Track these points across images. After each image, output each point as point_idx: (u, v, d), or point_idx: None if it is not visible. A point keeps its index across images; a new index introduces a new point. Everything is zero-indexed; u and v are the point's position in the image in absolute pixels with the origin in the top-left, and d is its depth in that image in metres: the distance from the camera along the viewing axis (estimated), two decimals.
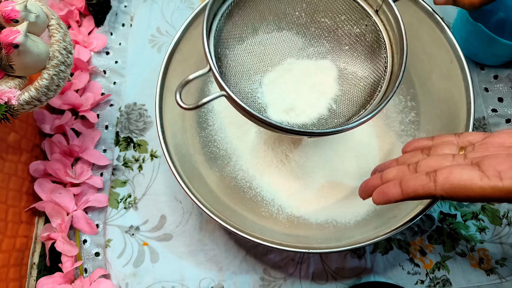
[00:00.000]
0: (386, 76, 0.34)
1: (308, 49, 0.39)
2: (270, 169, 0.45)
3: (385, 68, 0.34)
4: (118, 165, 0.49)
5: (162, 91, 0.41)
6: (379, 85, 0.34)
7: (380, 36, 0.34)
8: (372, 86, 0.35)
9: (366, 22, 0.35)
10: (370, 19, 0.34)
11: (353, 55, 0.37)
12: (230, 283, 0.44)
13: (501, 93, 0.50)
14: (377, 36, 0.34)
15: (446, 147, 0.31)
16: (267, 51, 0.39)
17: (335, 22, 0.37)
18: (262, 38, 0.38)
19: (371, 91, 0.35)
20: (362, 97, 0.36)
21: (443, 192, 0.25)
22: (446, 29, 0.40)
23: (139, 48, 0.55)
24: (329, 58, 0.38)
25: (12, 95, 0.33)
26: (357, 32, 0.36)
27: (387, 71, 0.33)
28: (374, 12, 0.34)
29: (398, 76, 0.31)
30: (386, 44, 0.34)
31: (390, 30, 0.34)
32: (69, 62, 0.37)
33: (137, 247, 0.45)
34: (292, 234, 0.41)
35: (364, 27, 0.35)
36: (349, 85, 0.37)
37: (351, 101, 0.36)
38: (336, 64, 0.38)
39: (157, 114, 0.40)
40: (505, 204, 0.46)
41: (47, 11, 0.36)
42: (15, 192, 0.44)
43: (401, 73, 0.31)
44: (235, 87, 0.36)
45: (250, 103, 0.36)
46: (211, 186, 0.43)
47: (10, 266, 0.42)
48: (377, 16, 0.34)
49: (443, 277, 0.44)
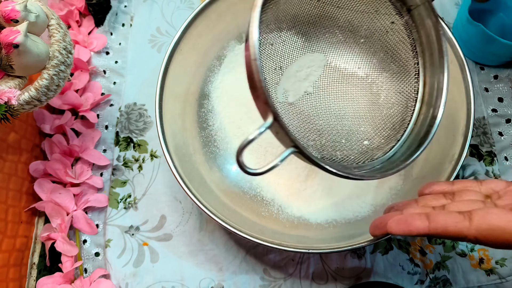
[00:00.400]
0: (417, 105, 0.30)
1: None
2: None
3: (416, 92, 0.30)
4: (118, 165, 0.49)
5: (162, 91, 0.41)
6: (409, 104, 0.30)
7: (412, 42, 0.30)
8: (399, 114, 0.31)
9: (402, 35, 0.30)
10: (406, 32, 0.30)
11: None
12: (230, 283, 0.44)
13: (501, 93, 0.50)
14: (410, 53, 0.30)
15: (471, 193, 0.29)
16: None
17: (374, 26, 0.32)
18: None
19: (400, 110, 0.31)
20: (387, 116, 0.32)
21: (477, 233, 0.24)
22: (446, 29, 0.40)
23: (139, 48, 0.55)
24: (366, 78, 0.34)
25: (12, 95, 0.33)
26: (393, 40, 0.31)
27: (418, 97, 0.30)
28: (406, 13, 0.30)
29: (442, 91, 0.27)
30: (418, 54, 0.30)
31: (427, 49, 0.29)
32: (69, 62, 0.37)
33: (137, 247, 0.45)
34: (292, 234, 0.41)
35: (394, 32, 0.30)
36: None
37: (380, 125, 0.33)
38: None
39: (157, 114, 0.40)
40: None
41: (47, 11, 0.36)
42: (15, 192, 0.44)
43: (444, 88, 0.28)
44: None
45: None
46: (211, 186, 0.43)
47: (10, 266, 0.42)
48: (410, 18, 0.30)
49: (443, 277, 0.44)
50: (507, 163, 0.47)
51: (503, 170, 0.47)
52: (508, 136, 0.48)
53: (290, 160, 0.45)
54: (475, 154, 0.48)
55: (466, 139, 0.37)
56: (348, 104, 0.35)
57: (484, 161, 0.47)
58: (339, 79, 0.36)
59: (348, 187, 0.44)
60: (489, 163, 0.47)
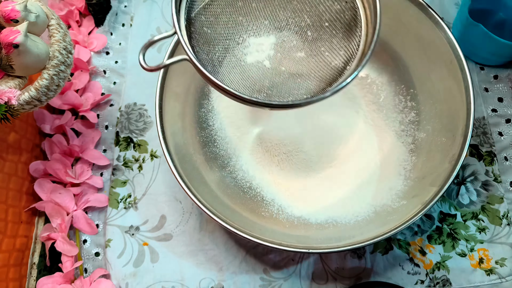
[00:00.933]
0: (358, 55, 0.32)
1: (284, 22, 0.37)
2: (270, 169, 0.45)
3: (358, 47, 0.32)
4: (118, 165, 0.49)
5: (162, 91, 0.41)
6: (348, 65, 0.32)
7: (358, 13, 0.33)
8: (343, 66, 0.34)
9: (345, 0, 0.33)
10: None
11: (331, 33, 0.35)
12: (230, 283, 0.44)
13: (501, 93, 0.50)
14: (355, 13, 0.33)
15: None
16: (244, 18, 0.36)
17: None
18: (240, 6, 0.36)
19: (340, 70, 0.34)
20: (331, 75, 0.34)
21: None
22: (446, 29, 0.40)
23: (139, 48, 0.54)
24: (309, 34, 0.36)
25: (12, 95, 0.33)
26: (337, 9, 0.34)
27: (359, 50, 0.32)
28: None
29: (366, 55, 0.30)
30: (362, 22, 0.33)
31: (368, 8, 0.32)
32: (69, 62, 0.37)
33: (137, 247, 0.45)
34: (292, 234, 0.41)
35: (344, 4, 0.33)
36: (321, 62, 0.36)
37: (320, 78, 0.35)
38: (313, 40, 0.36)
39: (157, 114, 0.40)
40: (505, 204, 0.46)
41: (47, 11, 0.36)
42: (15, 192, 0.44)
43: (370, 51, 0.30)
44: (207, 54, 0.35)
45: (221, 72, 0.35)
46: (211, 186, 0.43)
47: (10, 266, 0.42)
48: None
49: (443, 277, 0.44)
50: (507, 163, 0.47)
51: (503, 170, 0.47)
52: (508, 136, 0.48)
53: (290, 160, 0.45)
54: (475, 154, 0.48)
55: (466, 139, 0.37)
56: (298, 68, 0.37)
57: (484, 161, 0.47)
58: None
59: (348, 187, 0.44)
60: (489, 163, 0.47)
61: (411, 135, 0.45)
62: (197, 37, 0.34)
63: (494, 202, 0.46)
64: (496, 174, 0.47)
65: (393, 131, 0.46)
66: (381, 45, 0.47)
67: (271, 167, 0.45)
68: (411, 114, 0.46)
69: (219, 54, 0.36)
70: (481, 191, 0.46)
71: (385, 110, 0.47)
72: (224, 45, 0.36)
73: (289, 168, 0.45)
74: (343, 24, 0.34)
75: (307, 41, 0.36)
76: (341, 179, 0.45)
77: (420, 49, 0.44)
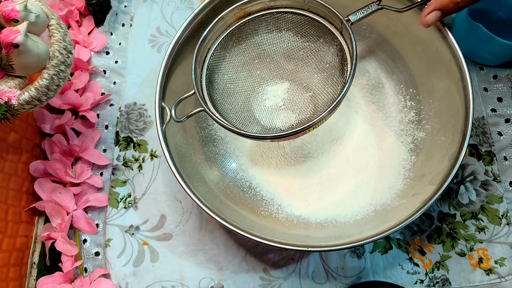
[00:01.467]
0: (347, 85, 0.36)
1: (294, 70, 0.44)
2: (269, 169, 0.45)
3: (347, 78, 0.36)
4: (118, 165, 0.49)
5: (162, 91, 0.41)
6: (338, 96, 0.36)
7: (344, 53, 0.38)
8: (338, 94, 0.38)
9: (336, 42, 0.39)
10: (337, 40, 0.39)
11: (332, 72, 0.41)
12: (230, 283, 0.44)
13: (500, 93, 0.50)
14: (343, 53, 0.38)
15: None
16: (262, 72, 0.44)
17: (316, 45, 0.41)
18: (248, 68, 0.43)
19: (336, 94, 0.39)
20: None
21: None
22: (445, 29, 0.40)
23: (139, 48, 0.55)
24: (315, 76, 0.43)
25: (12, 95, 0.33)
26: (333, 52, 0.40)
27: (347, 81, 0.36)
28: (339, 34, 0.39)
29: (349, 82, 0.35)
30: (348, 60, 0.38)
31: (351, 47, 0.37)
32: (69, 62, 0.37)
33: (137, 246, 0.46)
34: (292, 233, 0.41)
35: (335, 47, 0.39)
36: (325, 94, 0.41)
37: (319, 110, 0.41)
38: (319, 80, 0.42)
39: (157, 114, 0.40)
40: (504, 203, 0.46)
41: (47, 11, 0.36)
42: (15, 192, 0.44)
43: (349, 80, 0.35)
44: (223, 105, 0.41)
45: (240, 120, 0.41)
46: (211, 185, 0.43)
47: (10, 265, 0.42)
48: (341, 36, 0.38)
49: (443, 277, 0.44)
50: (507, 163, 0.47)
51: (502, 170, 0.47)
52: (507, 136, 0.48)
53: (289, 160, 0.45)
54: (474, 154, 0.48)
55: (465, 139, 0.37)
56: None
57: (483, 161, 0.47)
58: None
59: (347, 187, 0.44)
60: (488, 163, 0.47)
61: (411, 135, 0.45)
62: (220, 92, 0.41)
63: (494, 201, 0.46)
64: (495, 174, 0.47)
65: (392, 131, 0.46)
66: (381, 45, 0.48)
67: (270, 166, 0.45)
68: (411, 113, 0.46)
69: (242, 103, 0.43)
70: (480, 191, 0.46)
71: (385, 110, 0.47)
72: (245, 95, 0.44)
73: (288, 167, 0.45)
74: (337, 64, 0.40)
75: (313, 82, 0.43)
76: (340, 178, 0.45)
77: (420, 49, 0.44)
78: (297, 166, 0.45)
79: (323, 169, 0.45)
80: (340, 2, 0.39)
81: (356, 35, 0.48)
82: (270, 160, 0.46)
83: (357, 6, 0.39)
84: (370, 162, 0.45)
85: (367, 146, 0.46)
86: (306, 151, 0.46)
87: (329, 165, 0.45)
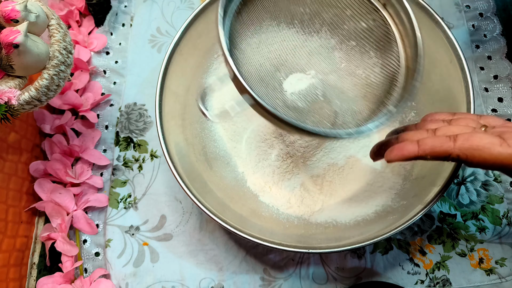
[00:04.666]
0: (401, 71, 0.33)
1: (311, 44, 0.38)
2: (269, 169, 0.45)
3: (398, 62, 0.33)
4: (118, 165, 0.49)
5: (162, 91, 0.41)
6: (394, 80, 0.33)
7: (390, 30, 0.34)
8: (385, 82, 0.35)
9: (373, 17, 0.34)
10: (378, 13, 0.34)
11: (360, 51, 0.36)
12: (230, 283, 0.44)
13: (501, 93, 0.50)
14: (386, 30, 0.34)
15: (468, 121, 0.31)
16: (276, 53, 0.38)
17: (341, 18, 0.36)
18: (269, 37, 0.37)
19: (385, 87, 0.34)
20: (374, 94, 0.35)
21: (460, 152, 0.26)
22: (446, 29, 0.40)
23: (139, 48, 0.55)
24: (336, 55, 0.38)
25: (12, 95, 0.33)
26: (363, 27, 0.35)
27: (400, 66, 0.33)
28: (382, 6, 0.34)
29: (416, 69, 0.31)
30: (397, 38, 0.34)
31: (400, 24, 0.33)
32: (69, 62, 0.37)
33: (137, 247, 0.45)
34: (292, 234, 0.41)
35: (372, 22, 0.35)
36: (357, 83, 0.37)
37: (362, 99, 0.36)
38: (343, 61, 0.38)
39: (157, 114, 0.40)
40: (504, 204, 0.46)
41: (47, 11, 0.36)
42: (15, 192, 0.44)
43: (419, 66, 0.32)
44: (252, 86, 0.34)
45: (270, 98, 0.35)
46: (211, 186, 0.43)
47: (10, 266, 0.42)
48: (385, 10, 0.34)
49: (443, 277, 0.44)
50: None
51: None
52: None
53: (289, 160, 0.45)
54: None
55: None
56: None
57: None
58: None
59: (348, 188, 0.44)
60: None
61: None
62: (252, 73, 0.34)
63: (494, 202, 0.46)
64: (496, 174, 0.47)
65: None
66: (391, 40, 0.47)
67: (270, 166, 0.45)
68: (411, 113, 0.46)
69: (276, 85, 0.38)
70: (481, 191, 0.46)
71: None
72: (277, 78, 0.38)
73: (289, 168, 0.45)
74: (375, 41, 0.35)
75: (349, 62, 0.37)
76: (340, 179, 0.45)
77: None
78: (297, 166, 0.45)
79: (323, 170, 0.45)
80: None
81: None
82: (271, 160, 0.46)
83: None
84: (370, 163, 0.45)
85: (367, 146, 0.46)
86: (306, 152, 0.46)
87: (328, 165, 0.45)
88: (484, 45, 0.52)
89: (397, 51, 0.34)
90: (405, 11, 0.33)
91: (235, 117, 0.47)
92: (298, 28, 0.38)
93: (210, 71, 0.48)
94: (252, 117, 0.47)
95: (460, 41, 0.53)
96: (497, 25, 0.53)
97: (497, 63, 0.51)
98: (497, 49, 0.52)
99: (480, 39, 0.53)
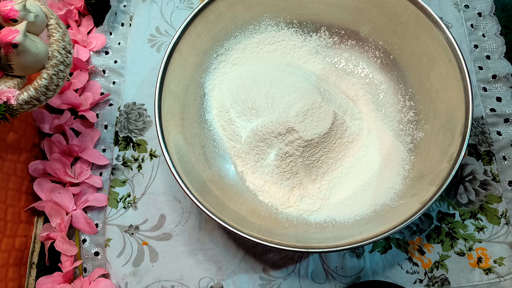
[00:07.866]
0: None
1: None
2: (268, 168, 0.45)
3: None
4: (118, 165, 0.49)
5: (162, 90, 0.41)
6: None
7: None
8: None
9: None
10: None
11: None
12: (230, 282, 0.44)
13: (499, 93, 0.50)
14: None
15: None
16: None
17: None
18: None
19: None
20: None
21: None
22: (444, 29, 0.40)
23: (138, 47, 0.55)
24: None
25: (11, 95, 0.33)
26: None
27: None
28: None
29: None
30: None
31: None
32: (68, 61, 0.37)
33: (136, 246, 0.46)
34: (291, 233, 0.41)
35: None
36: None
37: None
38: None
39: (157, 113, 0.40)
40: (503, 203, 0.46)
41: (46, 11, 0.36)
42: (14, 192, 0.44)
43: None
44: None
45: None
46: (210, 185, 0.43)
47: (9, 265, 0.42)
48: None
49: (442, 276, 0.44)
50: (506, 163, 0.47)
51: (502, 170, 0.47)
52: (507, 136, 0.48)
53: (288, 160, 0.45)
54: (474, 154, 0.48)
55: (465, 139, 0.37)
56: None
57: (482, 161, 0.48)
58: None
59: (346, 187, 0.44)
60: (488, 163, 0.47)
61: (410, 135, 0.45)
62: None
63: (493, 201, 0.46)
64: (494, 174, 0.47)
65: (391, 131, 0.46)
66: (380, 45, 0.47)
67: (269, 166, 0.45)
68: (410, 113, 0.46)
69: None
70: (479, 191, 0.47)
71: (384, 110, 0.47)
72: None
73: (288, 168, 0.45)
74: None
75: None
76: (339, 179, 0.45)
77: (419, 48, 0.44)
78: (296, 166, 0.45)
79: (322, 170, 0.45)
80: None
81: (356, 35, 0.48)
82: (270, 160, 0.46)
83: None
84: (369, 162, 0.45)
85: (366, 146, 0.46)
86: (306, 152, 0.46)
87: (327, 165, 0.45)
88: (483, 45, 0.53)
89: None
90: None
91: (235, 117, 0.47)
92: None
93: (210, 71, 0.48)
94: (252, 117, 0.47)
95: (459, 40, 0.53)
96: (496, 24, 0.53)
97: (495, 63, 0.51)
98: (496, 49, 0.52)
99: (479, 39, 0.53)
